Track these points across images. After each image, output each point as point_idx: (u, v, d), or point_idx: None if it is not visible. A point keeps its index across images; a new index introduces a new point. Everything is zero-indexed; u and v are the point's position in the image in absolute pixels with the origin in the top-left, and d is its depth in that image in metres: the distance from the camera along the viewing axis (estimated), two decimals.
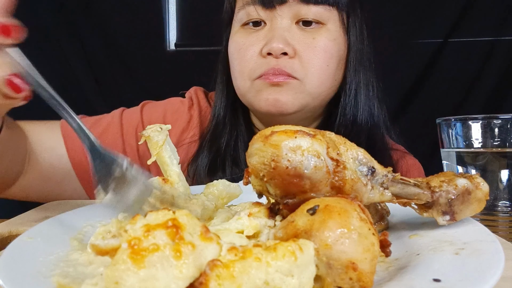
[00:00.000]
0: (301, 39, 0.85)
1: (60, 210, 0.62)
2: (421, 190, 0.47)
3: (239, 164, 0.92)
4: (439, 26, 2.10)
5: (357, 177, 0.44)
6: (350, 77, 0.91)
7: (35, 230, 0.47)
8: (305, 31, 0.85)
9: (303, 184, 0.42)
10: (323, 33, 0.86)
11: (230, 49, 0.91)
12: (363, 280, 0.33)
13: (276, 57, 0.83)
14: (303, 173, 0.41)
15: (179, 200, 0.49)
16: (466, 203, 0.47)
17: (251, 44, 0.86)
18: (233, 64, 0.90)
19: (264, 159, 0.42)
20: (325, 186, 0.42)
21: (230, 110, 0.97)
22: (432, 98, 2.10)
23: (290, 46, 0.83)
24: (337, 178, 0.42)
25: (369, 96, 0.94)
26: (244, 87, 0.88)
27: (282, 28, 0.84)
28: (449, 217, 0.47)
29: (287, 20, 0.84)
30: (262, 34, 0.86)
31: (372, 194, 0.45)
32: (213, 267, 0.29)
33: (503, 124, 0.65)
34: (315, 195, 0.42)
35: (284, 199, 0.43)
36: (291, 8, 0.84)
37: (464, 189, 0.47)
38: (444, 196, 0.47)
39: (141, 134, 0.54)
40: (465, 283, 0.33)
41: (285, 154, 0.41)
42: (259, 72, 0.85)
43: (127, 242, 0.29)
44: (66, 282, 0.36)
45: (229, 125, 0.96)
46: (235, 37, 0.90)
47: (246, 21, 0.88)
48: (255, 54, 0.86)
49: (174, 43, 2.28)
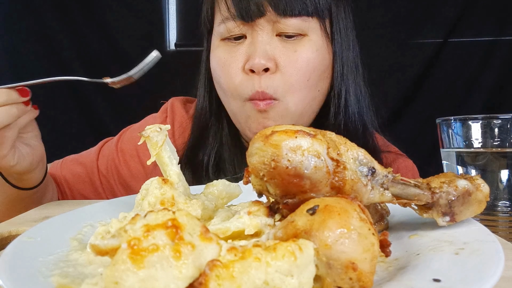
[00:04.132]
0: (282, 52, 0.83)
1: (60, 210, 0.62)
2: (421, 191, 0.47)
3: (225, 173, 0.92)
4: (439, 26, 2.10)
5: (357, 177, 0.44)
6: (338, 85, 0.90)
7: (35, 230, 0.47)
8: (287, 43, 0.83)
9: (303, 184, 0.42)
10: (305, 44, 0.84)
11: (213, 63, 0.90)
12: (363, 280, 0.33)
13: (258, 73, 0.82)
14: (303, 173, 0.41)
15: (179, 200, 0.49)
16: (467, 204, 0.47)
17: (233, 60, 0.85)
18: (218, 79, 0.89)
19: (264, 159, 0.42)
20: (325, 186, 0.42)
21: (214, 119, 0.97)
22: (432, 98, 2.11)
23: (271, 60, 0.82)
24: (337, 178, 0.42)
25: (359, 101, 0.92)
26: (236, 106, 0.88)
27: (263, 41, 0.82)
28: (449, 218, 0.47)
29: (267, 33, 0.82)
30: (244, 49, 0.84)
31: (372, 195, 0.45)
32: (212, 267, 0.29)
33: (503, 124, 0.65)
34: (315, 195, 0.42)
35: (284, 199, 0.43)
36: (270, 21, 0.82)
37: (465, 190, 0.47)
38: (444, 197, 0.47)
39: (140, 135, 0.54)
40: (465, 283, 0.33)
41: (285, 154, 0.41)
42: (247, 94, 0.84)
43: (127, 242, 0.29)
44: (66, 282, 0.36)
45: (213, 134, 0.96)
46: (216, 51, 0.89)
47: (227, 36, 0.86)
48: (239, 71, 0.84)
49: (174, 43, 2.28)
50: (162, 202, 0.48)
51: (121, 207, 0.59)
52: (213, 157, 0.94)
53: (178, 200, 0.49)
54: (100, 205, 0.61)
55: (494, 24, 2.07)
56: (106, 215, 0.56)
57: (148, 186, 0.51)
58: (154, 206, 0.48)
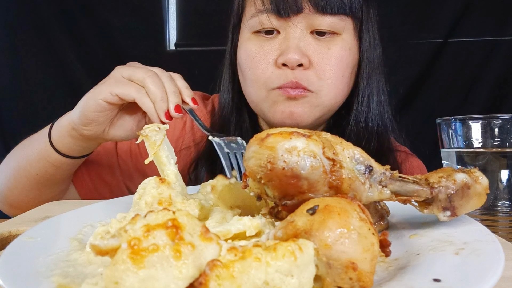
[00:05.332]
0: (316, 49, 0.84)
1: (60, 210, 0.62)
2: (420, 187, 0.47)
3: None
4: (439, 26, 2.10)
5: (354, 175, 0.44)
6: (363, 85, 0.91)
7: (35, 230, 0.47)
8: (320, 41, 0.84)
9: (300, 185, 0.42)
10: (338, 43, 0.85)
11: (241, 56, 0.89)
12: (363, 280, 0.33)
13: (291, 68, 0.82)
14: (300, 173, 0.41)
15: (176, 200, 0.49)
16: (466, 197, 0.47)
17: (265, 54, 0.85)
18: (245, 72, 0.89)
19: (260, 162, 0.42)
20: (323, 186, 0.42)
21: (236, 114, 0.96)
22: (432, 98, 2.11)
23: (305, 57, 0.82)
24: (335, 177, 0.42)
25: (381, 102, 0.93)
26: (259, 96, 0.87)
27: (296, 38, 0.82)
28: (450, 213, 0.47)
29: (301, 30, 0.83)
30: (276, 44, 0.85)
31: (370, 193, 0.45)
32: (212, 267, 0.29)
33: (503, 124, 0.65)
34: (314, 196, 0.42)
35: (282, 201, 0.43)
36: (306, 18, 0.82)
37: (463, 183, 0.47)
38: (443, 192, 0.46)
39: (139, 133, 0.54)
40: (465, 283, 0.33)
41: (281, 155, 0.41)
42: (276, 84, 0.84)
43: (127, 242, 0.29)
44: (66, 282, 0.36)
45: (234, 128, 0.95)
46: (246, 44, 0.88)
47: (259, 29, 0.86)
48: (269, 64, 0.85)
49: (174, 43, 2.28)
50: (160, 201, 0.48)
51: (121, 207, 0.59)
52: None
53: (176, 199, 0.49)
54: (100, 205, 0.61)
55: (494, 24, 2.07)
56: (106, 215, 0.56)
57: (145, 185, 0.51)
58: (151, 205, 0.48)
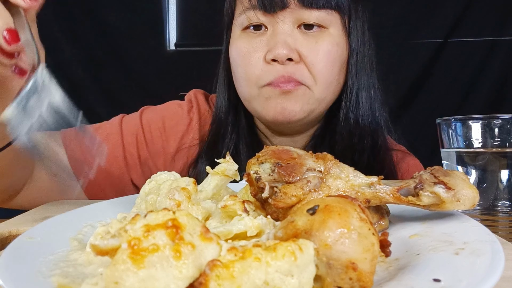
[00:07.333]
0: (303, 43, 0.84)
1: (60, 210, 0.62)
2: (405, 180, 0.50)
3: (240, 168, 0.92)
4: (439, 26, 2.10)
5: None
6: (352, 80, 0.91)
7: (35, 230, 0.47)
8: (307, 35, 0.85)
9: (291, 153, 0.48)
10: (326, 37, 0.85)
11: (232, 54, 0.90)
12: (363, 280, 0.33)
13: (281, 63, 0.82)
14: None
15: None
16: (451, 175, 0.49)
17: (254, 50, 0.85)
18: (236, 70, 0.89)
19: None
20: (311, 156, 0.50)
21: (232, 113, 0.96)
22: (432, 98, 2.11)
23: (294, 51, 0.82)
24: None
25: (371, 98, 0.93)
26: (251, 94, 0.88)
27: (284, 33, 0.83)
28: (444, 187, 0.48)
29: (288, 25, 0.83)
30: (265, 39, 0.85)
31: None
32: (212, 267, 0.29)
33: (503, 124, 0.65)
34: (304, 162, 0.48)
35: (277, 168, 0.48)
36: (293, 13, 0.83)
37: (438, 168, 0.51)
38: (425, 173, 0.50)
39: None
40: (465, 283, 0.33)
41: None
42: (267, 80, 0.84)
43: (127, 242, 0.29)
44: (66, 282, 0.36)
45: (231, 128, 0.95)
46: (237, 42, 0.89)
47: (247, 25, 0.87)
48: (259, 60, 0.85)
49: (174, 43, 2.28)
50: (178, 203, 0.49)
51: (121, 207, 0.59)
52: (231, 150, 0.94)
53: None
54: (100, 205, 0.61)
55: (494, 24, 2.07)
56: (106, 215, 0.56)
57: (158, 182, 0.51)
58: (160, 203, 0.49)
